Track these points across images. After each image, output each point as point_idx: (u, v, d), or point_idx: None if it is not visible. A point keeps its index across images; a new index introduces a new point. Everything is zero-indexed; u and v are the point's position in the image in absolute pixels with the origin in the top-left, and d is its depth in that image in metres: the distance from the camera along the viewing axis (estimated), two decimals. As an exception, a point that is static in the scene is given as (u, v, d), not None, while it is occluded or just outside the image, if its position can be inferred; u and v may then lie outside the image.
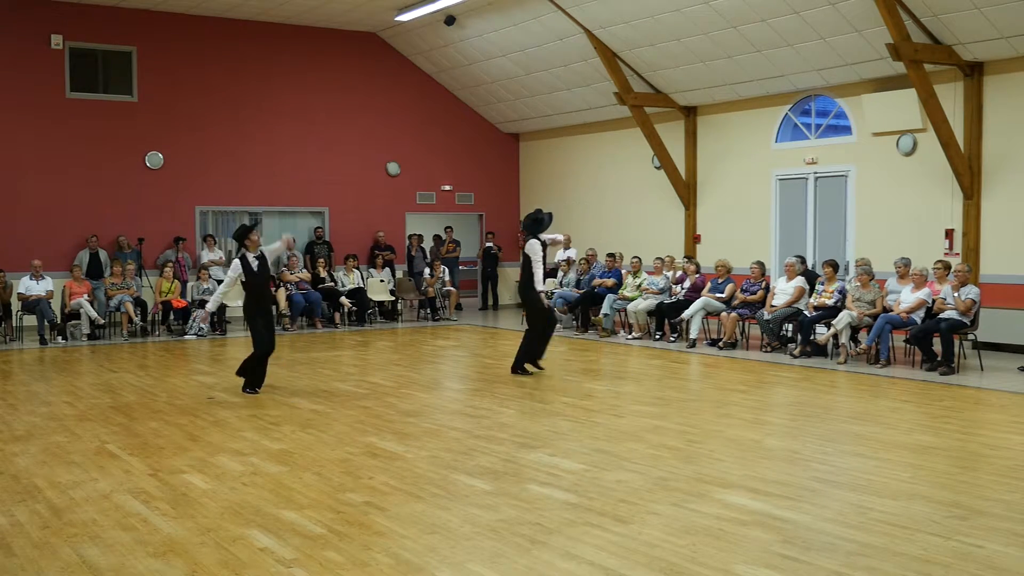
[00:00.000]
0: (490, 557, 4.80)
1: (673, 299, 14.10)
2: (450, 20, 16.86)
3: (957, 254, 12.61)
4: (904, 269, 11.79)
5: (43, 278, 14.70)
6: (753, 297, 13.09)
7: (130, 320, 15.01)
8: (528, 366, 11.05)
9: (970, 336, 11.14)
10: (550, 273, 17.60)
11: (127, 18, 16.58)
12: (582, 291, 15.63)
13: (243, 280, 9.56)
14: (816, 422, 8.23)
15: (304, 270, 16.98)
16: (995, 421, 8.33)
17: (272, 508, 5.68)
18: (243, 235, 9.64)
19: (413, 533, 5.19)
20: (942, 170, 12.71)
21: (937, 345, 10.95)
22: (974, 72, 12.36)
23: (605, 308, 14.96)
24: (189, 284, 16.07)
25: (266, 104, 17.89)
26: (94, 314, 14.62)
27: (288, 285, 16.21)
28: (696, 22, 13.91)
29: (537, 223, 10.92)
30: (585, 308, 15.47)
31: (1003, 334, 12.11)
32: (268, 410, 8.90)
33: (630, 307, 14.50)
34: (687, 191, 16.50)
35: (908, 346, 11.45)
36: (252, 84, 17.76)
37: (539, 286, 10.82)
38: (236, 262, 9.58)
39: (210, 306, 10.02)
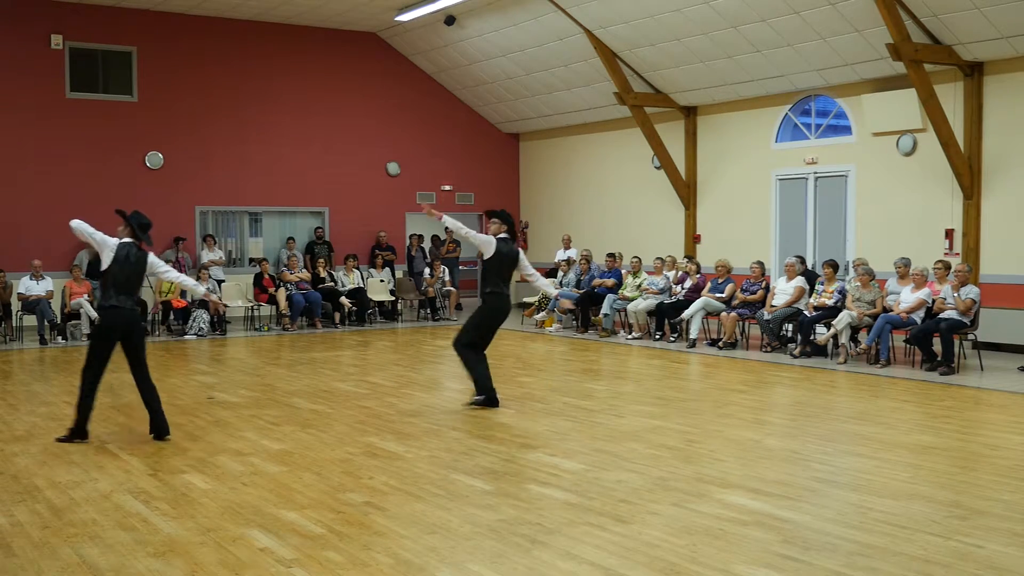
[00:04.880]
0: (490, 557, 4.80)
1: (673, 299, 14.10)
2: (450, 20, 16.86)
3: (957, 254, 12.61)
4: (904, 269, 11.79)
5: (43, 278, 14.70)
6: (753, 297, 13.09)
7: (130, 320, 14.98)
8: None
9: (970, 336, 11.14)
10: (550, 273, 17.66)
11: (127, 18, 16.58)
12: (582, 291, 15.63)
13: None
14: (816, 422, 8.23)
15: (304, 270, 16.99)
16: (995, 421, 8.33)
17: (272, 508, 5.68)
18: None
19: (413, 533, 5.19)
20: (942, 170, 12.71)
21: (937, 345, 10.95)
22: (974, 72, 12.36)
23: (605, 308, 14.96)
24: (189, 284, 16.05)
25: (266, 104, 17.89)
26: (94, 314, 14.57)
27: (288, 285, 16.22)
28: (696, 22, 13.90)
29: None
30: (585, 308, 15.47)
31: (1003, 334, 12.11)
32: (268, 410, 8.90)
33: (630, 307, 14.50)
34: (687, 191, 16.50)
35: (908, 346, 11.44)
36: (252, 84, 17.75)
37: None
38: None
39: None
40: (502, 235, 8.87)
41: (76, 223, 7.86)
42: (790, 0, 12.65)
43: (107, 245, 7.60)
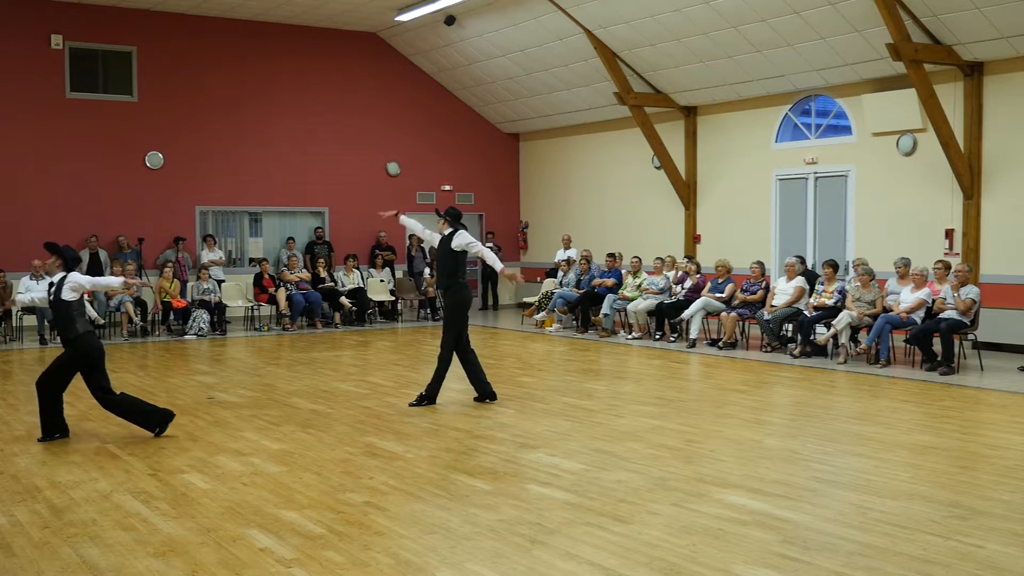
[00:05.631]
0: (490, 557, 4.80)
1: (673, 299, 14.10)
2: (450, 20, 16.86)
3: (957, 254, 12.60)
4: (904, 269, 11.79)
5: (43, 278, 14.68)
6: (753, 297, 13.09)
7: (130, 320, 15.01)
8: None
9: (970, 336, 11.14)
10: (550, 273, 17.67)
11: (127, 18, 16.58)
12: (582, 291, 15.63)
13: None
14: (816, 422, 8.23)
15: (304, 270, 16.99)
16: (995, 421, 8.33)
17: (272, 508, 5.68)
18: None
19: (413, 533, 5.19)
20: (942, 170, 12.71)
21: (937, 345, 10.95)
22: (974, 72, 12.36)
23: (605, 308, 14.96)
24: (189, 284, 16.08)
25: (266, 104, 17.89)
26: (94, 314, 14.60)
27: (288, 285, 16.22)
28: (696, 22, 13.90)
29: None
30: (585, 308, 15.47)
31: (1003, 334, 12.12)
32: (268, 410, 8.90)
33: (630, 307, 14.50)
34: (687, 191, 16.50)
35: (908, 346, 11.45)
36: (252, 84, 17.76)
37: None
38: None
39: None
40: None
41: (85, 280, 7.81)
42: (790, 0, 12.65)
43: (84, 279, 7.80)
